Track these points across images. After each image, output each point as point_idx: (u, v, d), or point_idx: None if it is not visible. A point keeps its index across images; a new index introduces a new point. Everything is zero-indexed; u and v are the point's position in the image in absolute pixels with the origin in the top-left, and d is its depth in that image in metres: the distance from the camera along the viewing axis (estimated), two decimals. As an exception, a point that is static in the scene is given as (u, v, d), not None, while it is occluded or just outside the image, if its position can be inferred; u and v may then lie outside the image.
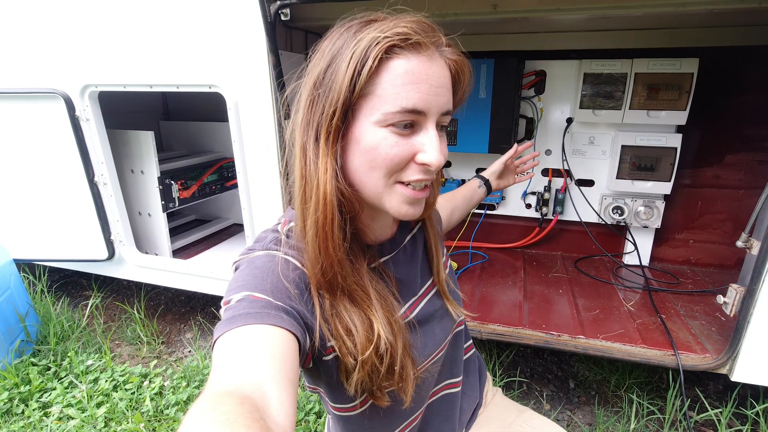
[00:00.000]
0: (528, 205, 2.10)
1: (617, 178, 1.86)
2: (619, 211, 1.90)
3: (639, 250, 1.95)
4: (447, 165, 2.17)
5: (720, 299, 1.37)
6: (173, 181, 2.06)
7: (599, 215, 1.96)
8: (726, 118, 1.79)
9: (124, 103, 2.32)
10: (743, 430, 1.49)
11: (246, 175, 1.63)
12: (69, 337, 2.09)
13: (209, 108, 2.61)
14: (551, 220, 2.07)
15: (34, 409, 1.67)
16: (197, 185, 2.22)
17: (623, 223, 1.91)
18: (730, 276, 1.85)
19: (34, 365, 1.89)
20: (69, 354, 1.92)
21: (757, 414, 1.49)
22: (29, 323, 2.00)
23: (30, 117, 1.85)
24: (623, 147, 1.82)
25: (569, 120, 1.93)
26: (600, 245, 2.06)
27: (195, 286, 1.96)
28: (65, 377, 1.83)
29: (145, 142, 1.93)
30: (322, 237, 0.58)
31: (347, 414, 0.69)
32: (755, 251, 1.25)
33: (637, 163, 1.82)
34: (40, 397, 1.73)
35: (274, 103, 1.48)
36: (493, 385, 1.07)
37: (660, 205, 1.85)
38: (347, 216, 0.60)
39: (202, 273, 1.91)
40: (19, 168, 1.98)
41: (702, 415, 1.56)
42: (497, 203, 2.12)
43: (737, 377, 1.33)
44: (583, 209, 2.01)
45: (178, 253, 2.19)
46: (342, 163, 0.59)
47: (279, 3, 1.35)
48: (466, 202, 1.18)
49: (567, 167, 1.98)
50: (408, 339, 0.65)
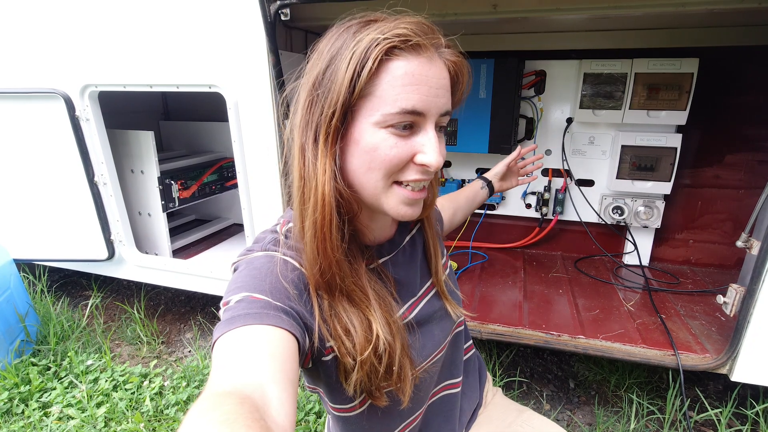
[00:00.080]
0: (528, 205, 2.10)
1: (617, 178, 1.86)
2: (619, 211, 1.90)
3: (639, 250, 1.95)
4: (446, 165, 2.17)
5: (720, 299, 1.37)
6: (173, 181, 2.06)
7: (599, 215, 1.96)
8: (726, 118, 1.79)
9: (124, 103, 2.32)
10: (743, 430, 1.49)
11: (246, 175, 1.63)
12: (69, 337, 2.09)
13: (209, 108, 2.61)
14: (551, 220, 2.07)
15: (34, 409, 1.67)
16: (197, 185, 2.22)
17: (623, 223, 1.91)
18: (730, 276, 1.85)
19: (34, 365, 1.89)
20: (69, 354, 1.92)
21: (757, 414, 1.49)
22: (29, 323, 2.00)
23: (30, 117, 1.86)
24: (623, 147, 1.82)
25: (569, 120, 1.93)
26: (600, 245, 2.06)
27: (195, 286, 1.96)
28: (65, 377, 1.83)
29: (145, 142, 1.94)
30: (320, 238, 0.58)
31: (346, 414, 0.69)
32: (755, 251, 1.25)
33: (637, 163, 1.82)
34: (40, 397, 1.73)
35: (274, 103, 1.48)
36: (493, 385, 1.07)
37: (660, 205, 1.85)
38: (346, 217, 0.60)
39: (202, 273, 1.91)
40: (19, 168, 1.98)
41: (702, 415, 1.56)
42: (497, 203, 2.13)
43: (737, 377, 1.33)
44: (583, 209, 2.01)
45: (178, 253, 2.19)
46: (341, 164, 0.59)
47: (279, 3, 1.35)
48: (468, 203, 1.18)
49: (567, 167, 1.98)
50: (406, 339, 0.65)
